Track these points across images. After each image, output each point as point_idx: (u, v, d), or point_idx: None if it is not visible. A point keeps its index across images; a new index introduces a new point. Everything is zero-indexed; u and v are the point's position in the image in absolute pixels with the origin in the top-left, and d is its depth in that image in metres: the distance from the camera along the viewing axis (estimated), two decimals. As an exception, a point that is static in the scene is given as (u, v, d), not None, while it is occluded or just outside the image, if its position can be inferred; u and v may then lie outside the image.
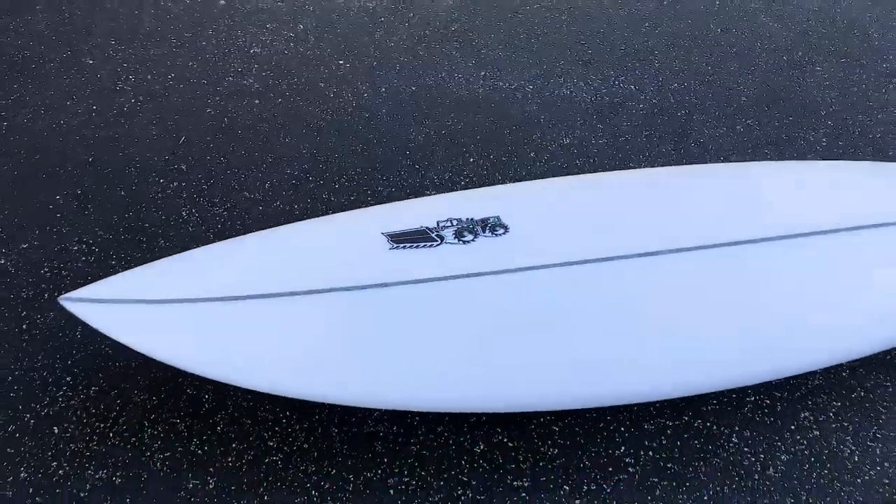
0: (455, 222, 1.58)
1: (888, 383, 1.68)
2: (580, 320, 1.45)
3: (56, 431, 1.51)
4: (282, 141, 2.29)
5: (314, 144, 2.27)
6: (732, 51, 2.79)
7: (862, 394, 1.66)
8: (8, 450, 1.48)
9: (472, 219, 1.58)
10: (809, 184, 1.80)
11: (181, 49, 2.70)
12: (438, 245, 1.52)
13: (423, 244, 1.53)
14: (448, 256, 1.50)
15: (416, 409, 1.51)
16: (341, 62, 2.66)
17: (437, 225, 1.57)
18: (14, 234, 1.93)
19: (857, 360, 1.70)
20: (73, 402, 1.56)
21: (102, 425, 1.52)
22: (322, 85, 2.54)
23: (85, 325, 1.39)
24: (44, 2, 2.88)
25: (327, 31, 2.83)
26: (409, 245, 1.52)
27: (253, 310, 1.39)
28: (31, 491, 1.42)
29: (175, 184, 2.12)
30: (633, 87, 2.59)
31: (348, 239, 1.58)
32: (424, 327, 1.43)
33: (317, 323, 1.41)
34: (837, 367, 1.70)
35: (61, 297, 1.36)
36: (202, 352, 1.38)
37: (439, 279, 1.46)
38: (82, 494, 1.41)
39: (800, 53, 2.73)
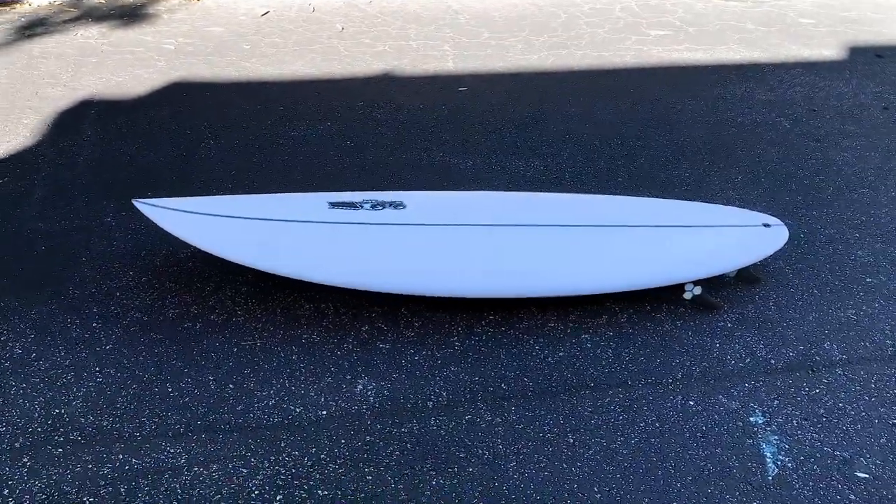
0: (372, 201, 2.59)
1: (650, 323, 2.50)
2: (432, 246, 2.42)
3: (118, 295, 2.53)
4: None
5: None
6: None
7: (629, 329, 2.48)
8: (88, 300, 2.51)
9: (383, 200, 2.60)
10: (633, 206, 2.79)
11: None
12: (359, 210, 2.53)
13: (351, 208, 2.54)
14: (364, 214, 2.50)
15: (338, 286, 2.46)
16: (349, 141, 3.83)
17: (361, 201, 2.59)
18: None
19: (628, 305, 2.54)
20: (131, 282, 2.60)
21: (145, 295, 2.54)
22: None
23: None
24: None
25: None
26: (341, 208, 2.54)
27: (259, 225, 2.42)
28: (97, 317, 2.43)
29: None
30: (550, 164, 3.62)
31: (308, 202, 2.62)
32: (344, 244, 2.42)
33: (285, 236, 2.41)
34: (611, 313, 2.53)
35: (135, 199, 2.42)
36: (223, 245, 2.40)
37: (357, 223, 2.46)
38: (125, 322, 2.41)
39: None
